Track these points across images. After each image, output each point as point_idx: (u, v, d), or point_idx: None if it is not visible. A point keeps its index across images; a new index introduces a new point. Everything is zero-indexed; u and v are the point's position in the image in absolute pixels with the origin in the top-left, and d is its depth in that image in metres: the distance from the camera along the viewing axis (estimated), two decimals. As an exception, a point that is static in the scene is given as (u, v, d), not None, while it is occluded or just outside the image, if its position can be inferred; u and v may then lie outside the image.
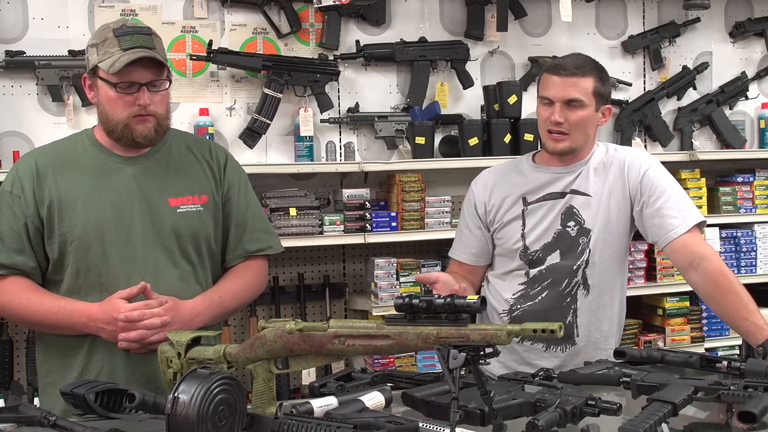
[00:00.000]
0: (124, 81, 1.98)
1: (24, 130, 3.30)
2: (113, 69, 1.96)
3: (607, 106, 2.30)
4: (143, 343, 1.94)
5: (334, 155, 3.62)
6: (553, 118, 2.22)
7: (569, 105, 2.22)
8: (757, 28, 4.22)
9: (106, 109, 2.03)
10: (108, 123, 2.04)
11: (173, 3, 3.46)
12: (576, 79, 2.22)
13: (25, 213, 2.02)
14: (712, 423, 1.78)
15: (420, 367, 3.49)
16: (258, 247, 2.20)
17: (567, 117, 2.22)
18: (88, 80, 2.06)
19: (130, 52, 1.97)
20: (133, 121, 2.01)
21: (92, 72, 2.03)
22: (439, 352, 1.44)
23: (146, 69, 1.99)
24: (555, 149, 2.26)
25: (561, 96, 2.21)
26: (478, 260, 2.40)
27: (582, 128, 2.24)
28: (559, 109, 2.21)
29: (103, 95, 2.02)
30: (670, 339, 3.83)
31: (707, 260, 2.15)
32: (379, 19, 3.69)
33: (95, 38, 2.03)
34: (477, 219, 2.38)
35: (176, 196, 2.08)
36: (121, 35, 1.99)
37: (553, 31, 3.98)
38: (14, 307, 2.02)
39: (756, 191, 3.98)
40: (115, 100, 2.00)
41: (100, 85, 2.02)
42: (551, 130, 2.24)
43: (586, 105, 2.22)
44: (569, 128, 2.22)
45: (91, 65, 2.02)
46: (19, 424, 1.68)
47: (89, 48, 2.03)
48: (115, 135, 2.04)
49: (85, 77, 2.06)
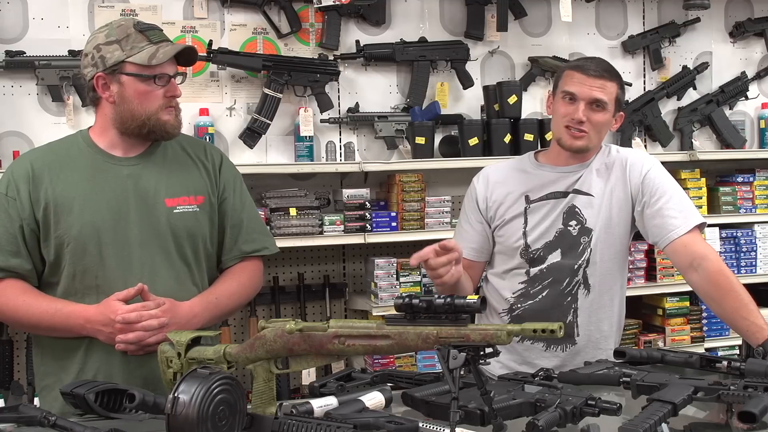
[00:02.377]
0: (160, 73, 2.00)
1: (24, 130, 3.30)
2: (156, 60, 1.98)
3: (620, 113, 2.31)
4: (141, 345, 1.94)
5: (334, 155, 3.62)
6: (576, 115, 2.21)
7: (593, 106, 2.22)
8: (757, 28, 4.22)
9: (133, 105, 2.01)
10: (134, 118, 2.02)
11: (173, 3, 3.47)
12: (603, 82, 2.22)
13: (20, 215, 2.01)
14: (712, 423, 1.78)
15: (420, 367, 3.49)
16: (254, 248, 2.20)
17: (589, 117, 2.22)
18: (103, 80, 2.01)
19: (164, 44, 2.00)
20: (163, 112, 2.03)
21: (112, 70, 2.00)
22: (439, 352, 1.44)
23: (171, 62, 2.03)
24: (573, 146, 2.25)
25: (587, 95, 2.21)
26: (479, 255, 2.39)
27: (599, 130, 2.25)
28: (584, 108, 2.21)
29: (131, 90, 2.00)
30: (670, 339, 3.84)
31: (707, 260, 2.15)
32: (379, 19, 3.69)
33: (113, 35, 2.00)
34: (478, 213, 2.38)
35: (172, 197, 2.08)
36: (144, 30, 2.02)
37: (553, 31, 3.98)
38: (10, 310, 2.01)
39: (756, 191, 3.98)
40: (148, 93, 2.01)
41: (126, 80, 2.00)
42: (570, 126, 2.23)
43: (607, 109, 2.23)
44: (589, 128, 2.22)
45: (113, 62, 1.99)
46: (19, 424, 1.68)
47: (103, 46, 2.00)
48: (146, 129, 2.04)
49: (100, 76, 2.01)
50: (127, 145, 2.09)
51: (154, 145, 2.12)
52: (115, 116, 2.05)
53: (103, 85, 2.02)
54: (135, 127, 2.04)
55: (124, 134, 2.07)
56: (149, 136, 2.06)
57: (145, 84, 2.00)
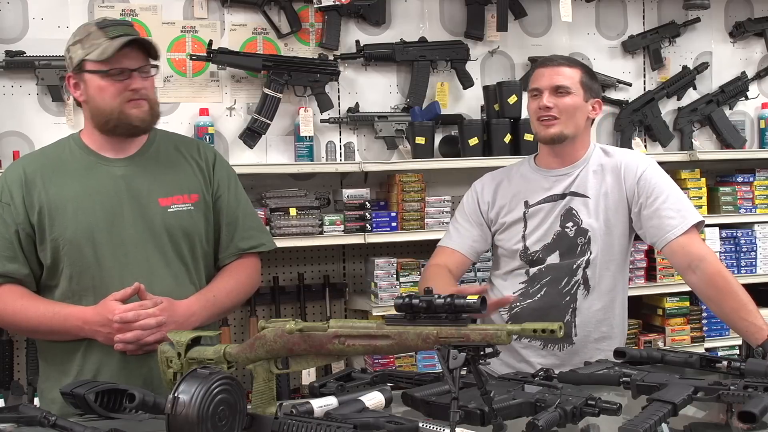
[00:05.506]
0: (114, 68, 1.99)
1: (24, 130, 3.30)
2: (104, 55, 1.97)
3: (596, 99, 2.32)
4: (139, 344, 1.94)
5: (334, 155, 3.62)
6: (541, 104, 2.26)
7: (557, 92, 2.26)
8: (757, 28, 4.22)
9: (97, 101, 2.02)
10: (101, 115, 2.03)
11: (173, 3, 3.46)
12: (562, 68, 2.28)
13: (15, 220, 2.01)
14: (712, 423, 1.78)
15: (420, 367, 3.49)
16: (250, 245, 2.20)
17: (556, 103, 2.26)
18: (73, 79, 2.05)
19: (119, 39, 1.99)
20: (126, 106, 2.02)
21: (78, 69, 2.02)
22: (439, 352, 1.44)
23: (135, 55, 2.01)
24: (546, 134, 2.28)
25: (548, 83, 2.27)
26: (472, 254, 2.40)
27: (571, 114, 2.27)
28: (548, 96, 2.26)
29: (93, 87, 2.01)
30: (670, 339, 3.83)
31: (705, 262, 2.16)
32: (379, 19, 3.69)
33: (77, 35, 2.03)
34: (480, 216, 2.39)
35: (166, 196, 2.08)
36: (105, 26, 2.02)
37: (553, 31, 3.97)
38: (8, 315, 2.01)
39: (756, 191, 3.98)
40: (106, 88, 2.00)
41: (88, 78, 2.01)
42: (541, 117, 2.28)
43: (572, 92, 2.26)
44: (559, 113, 2.26)
45: (76, 62, 2.02)
46: (19, 424, 1.68)
47: (71, 47, 2.03)
48: (111, 124, 2.03)
49: (70, 77, 2.05)
50: (116, 145, 2.09)
51: (146, 145, 2.12)
52: (88, 115, 2.07)
53: (75, 85, 2.05)
54: (103, 123, 2.05)
55: (103, 133, 2.07)
56: (116, 131, 2.05)
57: (103, 79, 2.00)
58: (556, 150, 2.32)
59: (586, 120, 2.31)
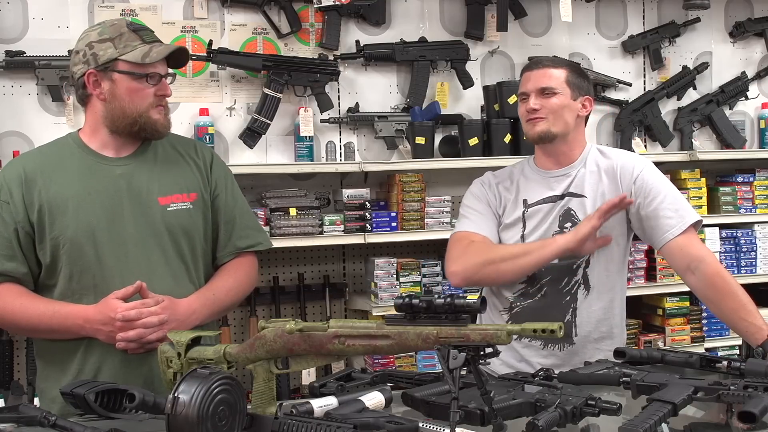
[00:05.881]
0: (152, 72, 2.02)
1: (24, 130, 3.30)
2: (150, 59, 2.00)
3: (586, 97, 2.32)
4: (141, 343, 1.94)
5: (334, 155, 3.62)
6: (528, 106, 2.28)
7: (543, 94, 2.27)
8: (757, 28, 4.22)
9: (124, 102, 2.03)
10: (125, 116, 2.04)
11: (173, 3, 3.47)
12: (546, 70, 2.29)
13: (14, 219, 2.01)
14: (712, 423, 1.78)
15: (420, 367, 3.49)
16: (248, 244, 2.21)
17: (543, 104, 2.27)
18: (94, 76, 2.03)
19: (157, 45, 2.04)
20: (153, 111, 2.05)
21: (104, 67, 2.02)
22: (439, 352, 1.44)
23: (162, 62, 2.06)
24: (534, 133, 2.29)
25: (534, 86, 2.28)
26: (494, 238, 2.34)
27: (558, 114, 2.27)
28: (534, 98, 2.28)
29: (123, 87, 2.02)
30: (670, 339, 3.84)
31: (704, 263, 2.16)
32: (379, 19, 3.69)
33: (106, 33, 2.02)
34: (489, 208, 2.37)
35: (165, 195, 2.09)
36: (138, 30, 2.05)
37: (553, 31, 3.98)
38: (8, 314, 2.01)
39: (756, 191, 3.98)
40: (138, 90, 2.02)
41: (118, 78, 2.01)
42: (528, 119, 2.30)
43: (558, 92, 2.27)
44: (546, 113, 2.27)
45: (104, 60, 2.01)
46: (19, 424, 1.68)
47: (96, 43, 2.02)
48: (137, 126, 2.05)
49: (92, 73, 2.02)
50: (118, 145, 2.09)
51: (144, 144, 2.12)
52: (105, 114, 2.06)
53: (94, 82, 2.04)
54: (126, 124, 2.05)
55: (114, 133, 2.07)
56: (139, 134, 2.07)
57: (137, 82, 2.02)
58: (549, 150, 2.32)
59: (576, 118, 2.31)
